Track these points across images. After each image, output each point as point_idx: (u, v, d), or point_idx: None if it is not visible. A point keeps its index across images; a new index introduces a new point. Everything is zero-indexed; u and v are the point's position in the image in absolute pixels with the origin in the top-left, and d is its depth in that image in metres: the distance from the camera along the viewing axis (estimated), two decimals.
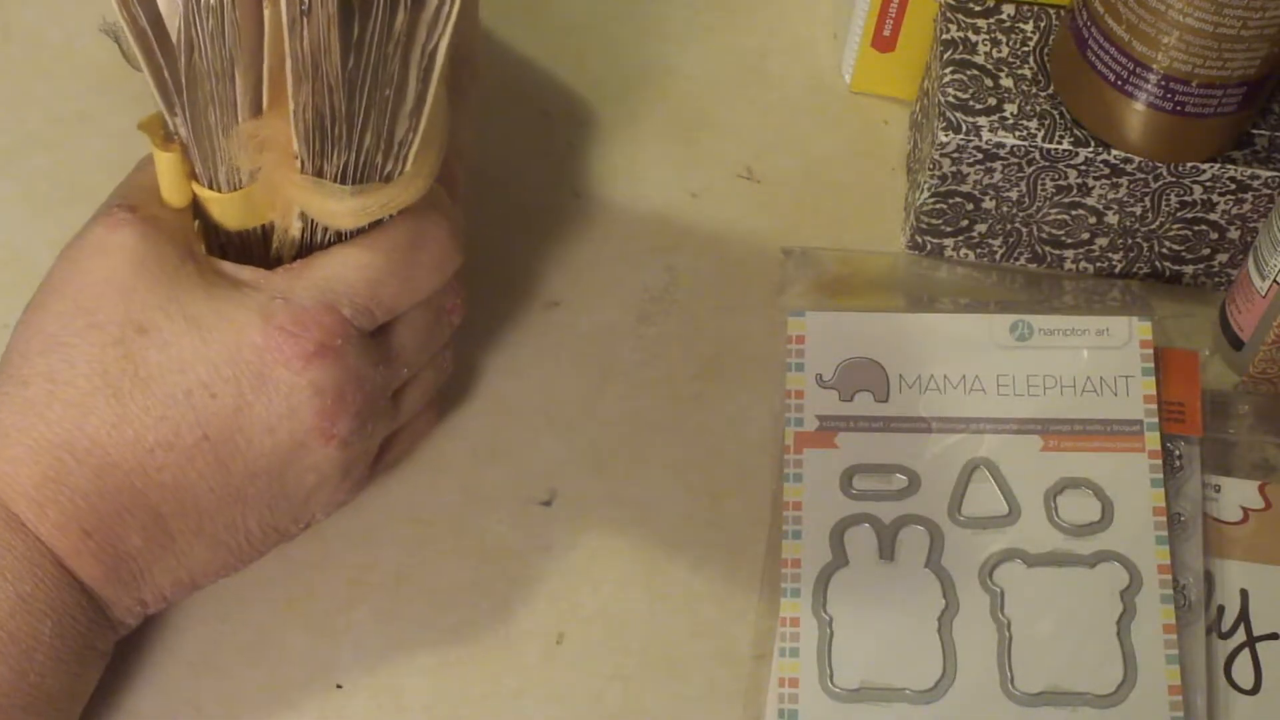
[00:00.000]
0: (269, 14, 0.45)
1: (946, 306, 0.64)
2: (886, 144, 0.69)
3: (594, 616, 0.58)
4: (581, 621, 0.58)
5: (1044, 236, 0.65)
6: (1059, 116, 0.61)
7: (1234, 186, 0.61)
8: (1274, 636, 0.58)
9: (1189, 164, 0.61)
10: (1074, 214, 0.63)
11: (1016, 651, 0.56)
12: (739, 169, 0.68)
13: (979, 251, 0.66)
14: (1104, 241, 0.64)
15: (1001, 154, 0.61)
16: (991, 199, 0.63)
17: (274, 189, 0.50)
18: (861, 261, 0.65)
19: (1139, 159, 0.61)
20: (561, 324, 0.63)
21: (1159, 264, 0.65)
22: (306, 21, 0.44)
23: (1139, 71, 0.58)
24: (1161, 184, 0.62)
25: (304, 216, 0.51)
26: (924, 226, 0.65)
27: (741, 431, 0.62)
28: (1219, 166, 0.61)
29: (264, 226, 0.51)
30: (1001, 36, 0.63)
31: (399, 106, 0.47)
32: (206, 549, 0.52)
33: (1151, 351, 0.61)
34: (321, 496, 0.53)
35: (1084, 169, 0.61)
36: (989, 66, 0.62)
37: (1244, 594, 0.58)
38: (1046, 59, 0.62)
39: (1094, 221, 0.64)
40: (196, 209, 0.51)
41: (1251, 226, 0.63)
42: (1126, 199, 0.62)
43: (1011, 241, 0.65)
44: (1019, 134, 0.61)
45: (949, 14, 0.63)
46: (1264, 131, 0.61)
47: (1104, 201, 0.63)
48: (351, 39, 0.45)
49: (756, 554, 0.59)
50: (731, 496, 0.60)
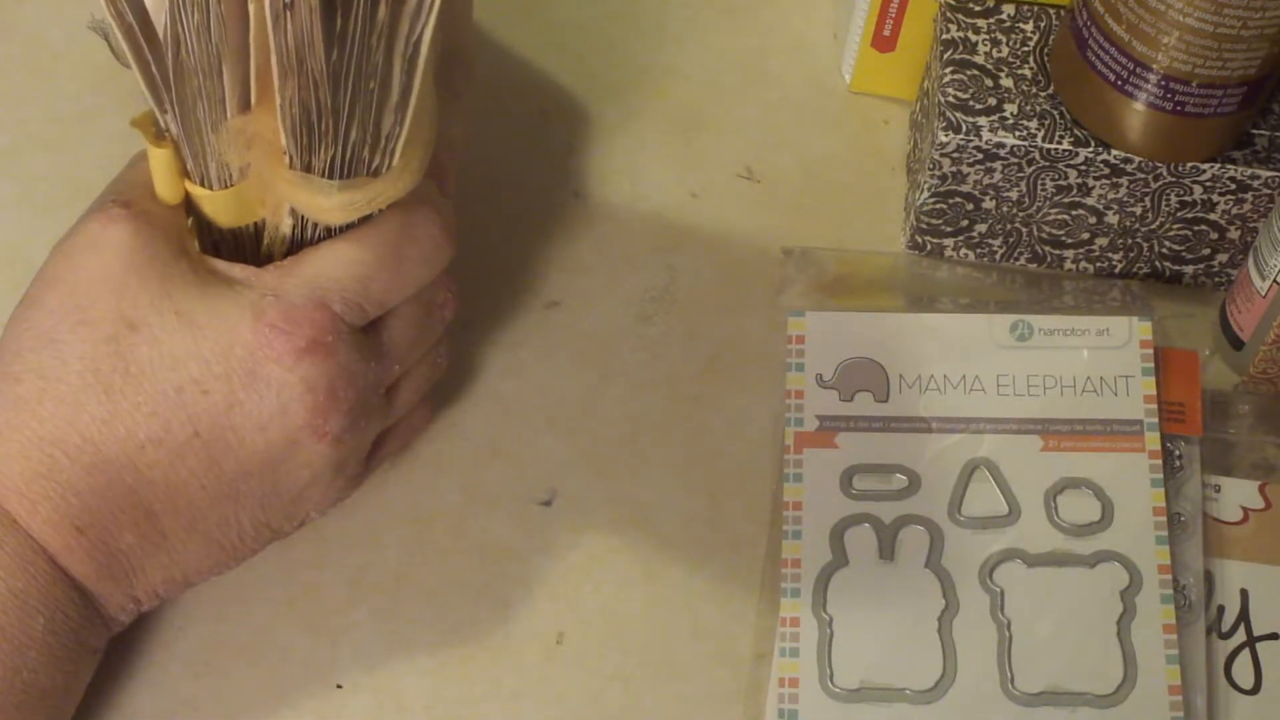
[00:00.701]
0: (253, 9, 0.45)
1: (946, 306, 0.64)
2: (886, 144, 0.69)
3: (594, 616, 0.58)
4: (581, 621, 0.58)
5: (1044, 236, 0.64)
6: (1059, 116, 0.61)
7: (1234, 186, 0.61)
8: (1274, 636, 0.58)
9: (1189, 164, 0.61)
10: (1074, 214, 0.63)
11: (1016, 651, 0.56)
12: (739, 169, 0.68)
13: (979, 251, 0.66)
14: (1104, 241, 0.64)
15: (1001, 154, 0.61)
16: (991, 199, 0.63)
17: (264, 185, 0.50)
18: (861, 261, 0.65)
19: (1139, 159, 0.61)
20: (561, 324, 0.63)
21: (1159, 264, 0.65)
22: (290, 15, 0.45)
23: (1139, 71, 0.58)
24: (1161, 184, 0.62)
25: (294, 213, 0.51)
26: (924, 226, 0.65)
27: (741, 431, 0.62)
28: (1219, 166, 0.61)
29: (256, 224, 0.51)
30: (1001, 36, 0.63)
31: (384, 99, 0.47)
32: (199, 546, 0.51)
33: (1151, 351, 0.61)
34: (315, 494, 0.53)
35: (1084, 169, 0.61)
36: (989, 66, 0.62)
37: (1244, 594, 0.58)
38: (1046, 59, 0.62)
39: (1094, 221, 0.64)
40: (189, 207, 0.51)
41: (1251, 226, 0.63)
42: (1126, 199, 0.62)
43: (1011, 241, 0.65)
44: (1019, 134, 0.61)
45: (949, 14, 0.63)
46: (1264, 131, 0.61)
47: (1104, 201, 0.63)
48: (335, 31, 0.45)
49: (756, 554, 0.59)
50: (731, 496, 0.60)
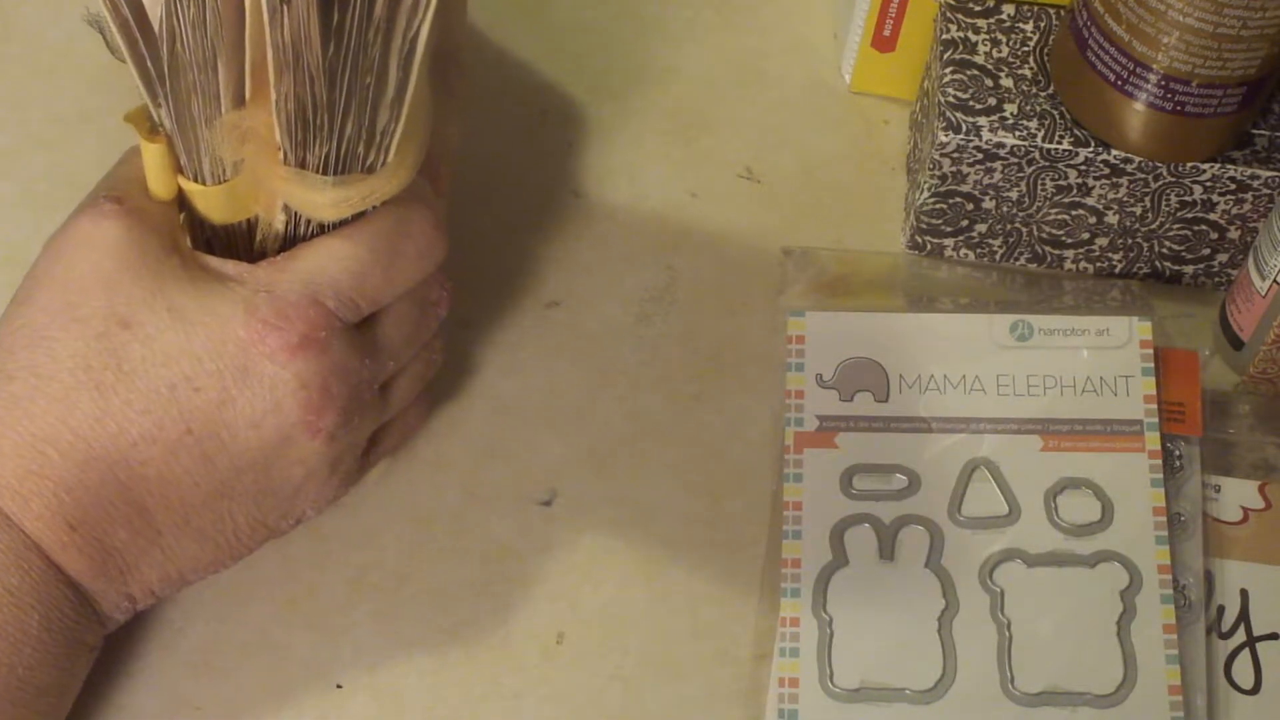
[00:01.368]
0: (249, 3, 0.45)
1: (946, 306, 0.64)
2: (886, 144, 0.69)
3: (594, 616, 0.58)
4: (581, 621, 0.58)
5: (1044, 236, 0.64)
6: (1059, 116, 0.61)
7: (1234, 186, 0.61)
8: (1274, 636, 0.58)
9: (1189, 164, 0.61)
10: (1074, 214, 0.63)
11: (1016, 651, 0.56)
12: (739, 169, 0.68)
13: (979, 251, 0.66)
14: (1104, 241, 0.64)
15: (1001, 154, 0.61)
16: (991, 199, 0.63)
17: (257, 181, 0.50)
18: (861, 261, 0.65)
19: (1139, 159, 0.61)
20: (561, 324, 0.63)
21: (1159, 264, 0.65)
22: (287, 10, 0.44)
23: (1139, 71, 0.58)
24: (1161, 184, 0.62)
25: (288, 210, 0.51)
26: (924, 226, 0.65)
27: (741, 431, 0.62)
28: (1219, 166, 0.61)
29: (249, 220, 0.51)
30: (1001, 36, 0.63)
31: (380, 95, 0.47)
32: (194, 544, 0.51)
33: (1151, 351, 0.61)
34: (310, 491, 0.53)
35: (1084, 169, 0.61)
36: (989, 66, 0.62)
37: (1244, 594, 0.58)
38: (1046, 59, 0.62)
39: (1094, 221, 0.64)
40: (182, 203, 0.51)
41: (1251, 226, 0.63)
42: (1126, 199, 0.62)
43: (1011, 241, 0.65)
44: (1019, 134, 0.61)
45: (949, 14, 0.63)
46: (1264, 131, 0.61)
47: (1104, 201, 0.63)
48: (331, 27, 0.45)
49: (756, 554, 0.59)
50: (731, 496, 0.60)
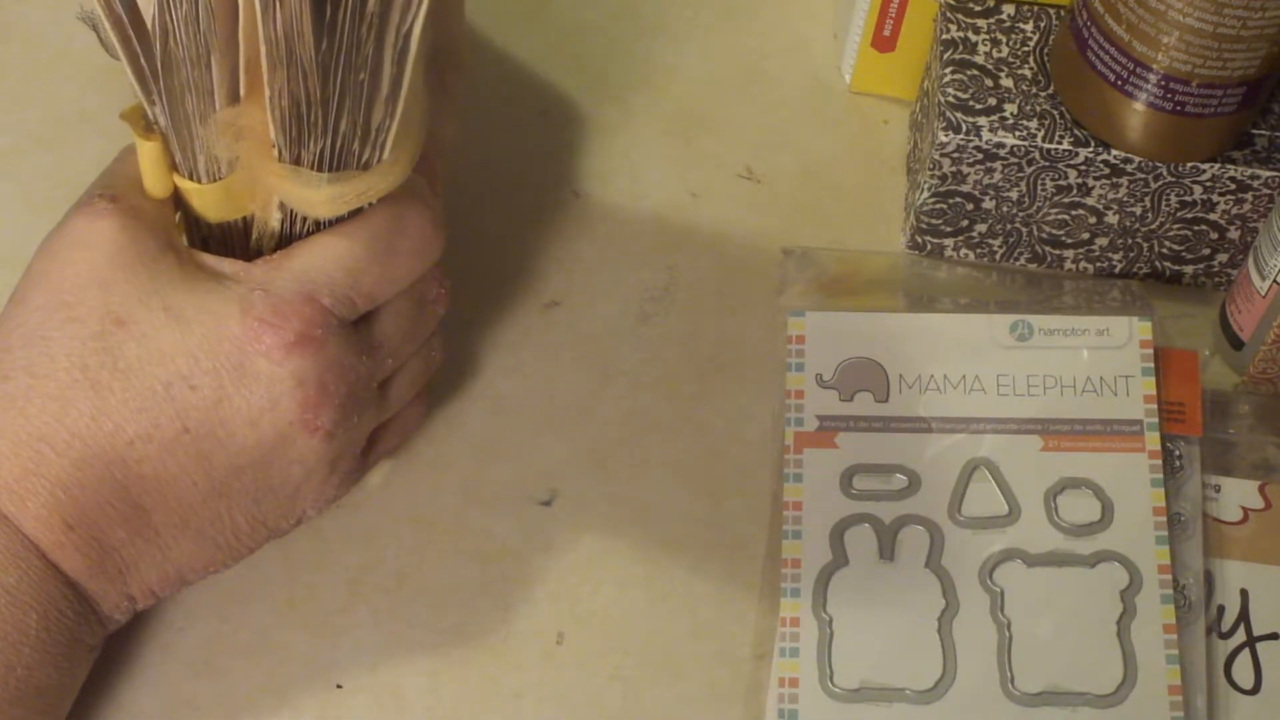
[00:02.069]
0: None
1: (946, 306, 0.64)
2: (886, 144, 0.69)
3: (594, 616, 0.58)
4: (581, 621, 0.58)
5: (1044, 236, 0.64)
6: (1059, 116, 0.61)
7: (1234, 186, 0.61)
8: (1274, 636, 0.58)
9: (1189, 164, 0.61)
10: (1074, 214, 0.63)
11: (1016, 651, 0.56)
12: (739, 169, 0.68)
13: (979, 251, 0.66)
14: (1104, 241, 0.64)
15: (1001, 154, 0.61)
16: (991, 199, 0.63)
17: (253, 178, 0.49)
18: (861, 261, 0.65)
19: (1139, 159, 0.61)
20: (561, 324, 0.63)
21: (1159, 264, 0.65)
22: (279, 5, 0.44)
23: (1139, 71, 0.58)
24: (1161, 184, 0.62)
25: (283, 207, 0.51)
26: (924, 226, 0.65)
27: (741, 431, 0.62)
28: (1219, 166, 0.61)
29: (245, 219, 0.51)
30: (1001, 36, 0.63)
31: (375, 91, 0.47)
32: (192, 543, 0.51)
33: (1151, 351, 0.61)
34: (309, 490, 0.53)
35: (1084, 169, 0.61)
36: (989, 66, 0.62)
37: (1244, 594, 0.58)
38: (1046, 59, 0.62)
39: (1094, 221, 0.64)
40: (178, 201, 0.51)
41: (1251, 226, 0.63)
42: (1126, 199, 0.62)
43: (1011, 241, 0.65)
44: (1019, 134, 0.61)
45: (949, 14, 0.63)
46: (1264, 131, 0.61)
47: (1104, 201, 0.63)
48: (324, 22, 0.45)
49: (756, 554, 0.59)
50: (731, 496, 0.60)
